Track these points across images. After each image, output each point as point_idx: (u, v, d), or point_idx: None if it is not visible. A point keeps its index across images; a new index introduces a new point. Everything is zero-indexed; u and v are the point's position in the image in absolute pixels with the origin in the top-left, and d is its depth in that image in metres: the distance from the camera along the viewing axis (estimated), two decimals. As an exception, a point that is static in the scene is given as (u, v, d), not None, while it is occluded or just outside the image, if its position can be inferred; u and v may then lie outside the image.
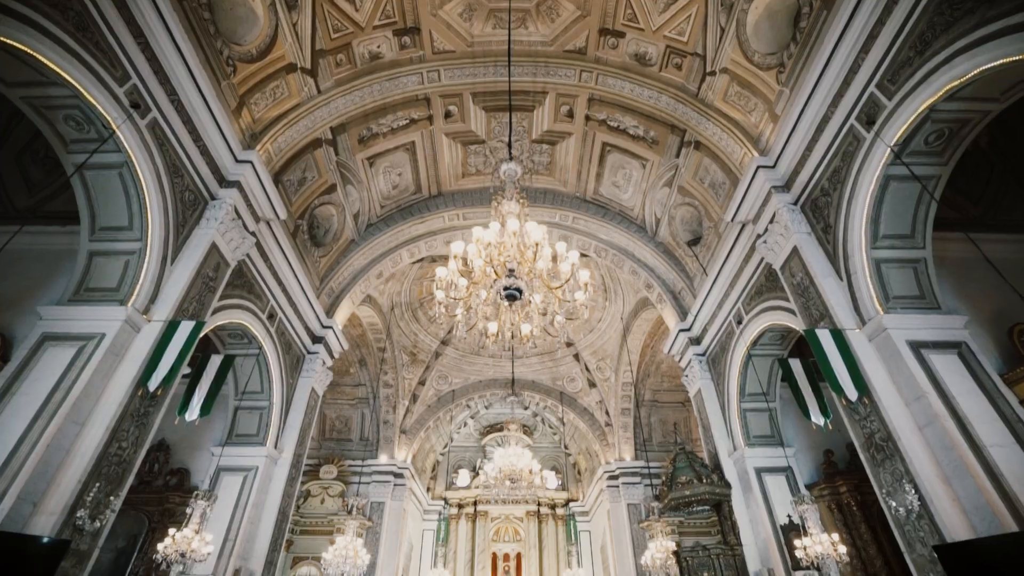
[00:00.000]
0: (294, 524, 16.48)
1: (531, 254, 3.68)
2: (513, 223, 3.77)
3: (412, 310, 18.38)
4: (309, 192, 10.89)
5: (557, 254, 3.93)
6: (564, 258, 3.91)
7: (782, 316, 8.30)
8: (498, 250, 3.78)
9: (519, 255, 3.72)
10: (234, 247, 7.83)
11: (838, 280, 6.86)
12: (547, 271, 3.81)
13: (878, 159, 6.18)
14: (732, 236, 9.70)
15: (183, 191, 7.04)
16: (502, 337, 3.98)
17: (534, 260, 3.67)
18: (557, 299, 3.85)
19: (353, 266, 12.87)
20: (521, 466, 8.10)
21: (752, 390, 9.97)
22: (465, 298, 3.72)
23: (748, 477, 9.31)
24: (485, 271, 3.67)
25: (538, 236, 3.78)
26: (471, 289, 3.75)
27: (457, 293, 3.74)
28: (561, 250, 3.95)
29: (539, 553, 20.05)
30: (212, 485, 9.02)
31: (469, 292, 3.75)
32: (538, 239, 3.75)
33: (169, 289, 6.57)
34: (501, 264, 3.68)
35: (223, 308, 8.00)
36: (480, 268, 3.71)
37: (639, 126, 11.35)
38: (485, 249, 3.72)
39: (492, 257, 3.62)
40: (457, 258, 3.84)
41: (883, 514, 9.22)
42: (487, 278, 3.71)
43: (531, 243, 3.73)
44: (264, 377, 9.75)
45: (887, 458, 5.68)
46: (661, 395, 19.48)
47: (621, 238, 13.42)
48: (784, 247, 7.77)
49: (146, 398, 5.90)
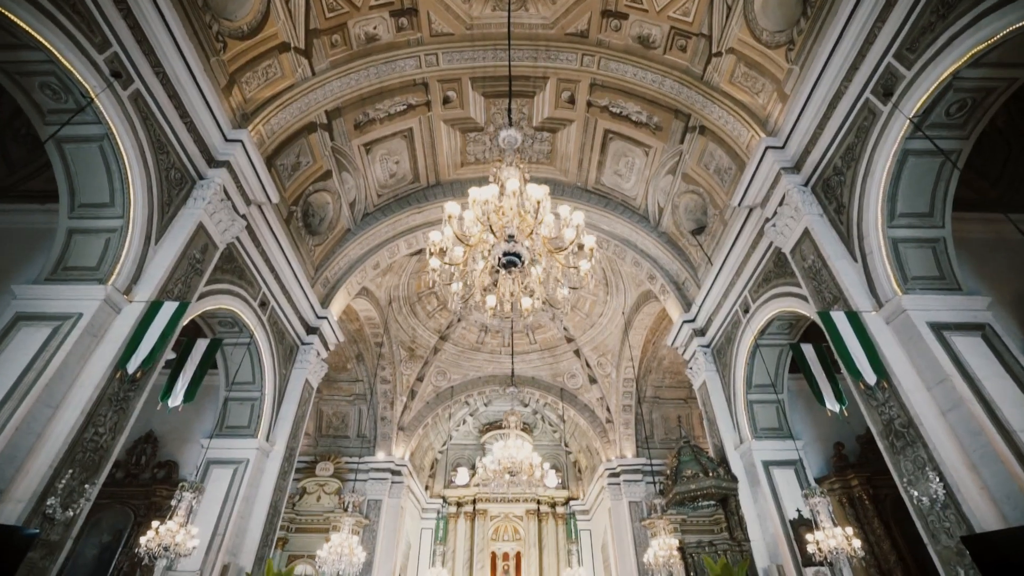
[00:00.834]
0: (289, 522, 16.16)
1: (532, 219, 3.38)
2: (513, 183, 3.48)
3: (410, 304, 18.08)
4: (303, 178, 10.60)
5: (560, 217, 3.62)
6: (568, 222, 3.61)
7: (792, 303, 8.01)
8: (496, 214, 3.48)
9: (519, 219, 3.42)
10: (223, 229, 7.53)
11: (852, 262, 6.57)
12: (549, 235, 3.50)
13: (896, 133, 5.89)
14: (739, 222, 9.40)
15: (168, 169, 6.75)
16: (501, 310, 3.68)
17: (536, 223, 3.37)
18: (560, 265, 3.55)
19: (349, 256, 12.57)
20: (521, 458, 7.80)
21: (759, 381, 9.67)
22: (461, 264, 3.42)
23: (756, 471, 9.01)
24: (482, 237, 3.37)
25: (540, 194, 3.48)
26: (468, 253, 3.45)
27: (452, 257, 3.44)
28: (564, 213, 3.65)
29: (539, 552, 19.73)
30: (201, 478, 8.71)
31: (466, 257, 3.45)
32: (540, 197, 3.45)
33: (153, 270, 6.28)
34: (500, 227, 3.38)
35: (211, 293, 7.70)
36: (477, 232, 3.41)
37: (642, 112, 11.06)
38: (482, 207, 3.42)
39: (490, 216, 3.32)
40: (452, 219, 3.54)
41: (897, 508, 8.92)
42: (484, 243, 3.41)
43: (532, 206, 3.43)
44: (256, 367, 9.44)
45: (908, 445, 5.39)
46: (663, 391, 19.18)
47: (623, 228, 13.13)
48: (794, 230, 7.48)
49: (125, 381, 5.59)
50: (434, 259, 3.67)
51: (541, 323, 19.58)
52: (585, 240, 3.60)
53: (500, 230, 3.34)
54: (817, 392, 6.70)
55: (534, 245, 3.48)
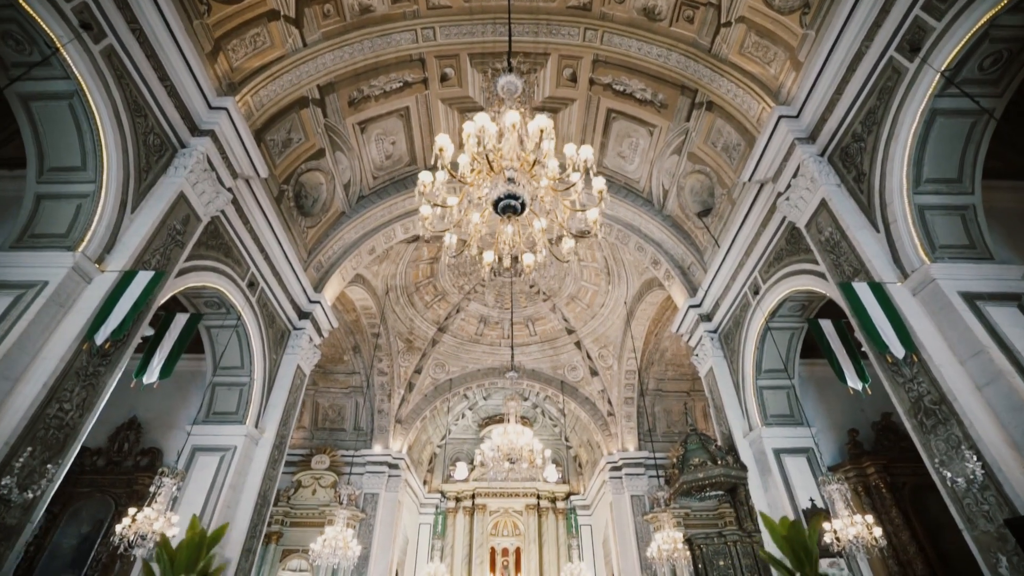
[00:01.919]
0: (284, 516, 15.80)
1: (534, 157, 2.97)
2: (513, 116, 3.08)
3: (408, 294, 17.67)
4: (295, 155, 10.19)
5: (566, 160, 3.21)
6: (574, 161, 3.21)
7: (806, 280, 7.61)
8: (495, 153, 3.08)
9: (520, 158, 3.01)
10: (206, 201, 7.12)
11: (873, 232, 6.17)
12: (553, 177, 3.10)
13: (923, 91, 5.49)
14: (748, 199, 9.01)
15: (147, 133, 6.34)
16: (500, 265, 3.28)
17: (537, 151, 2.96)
18: (565, 207, 3.15)
19: (343, 240, 12.16)
20: (521, 444, 7.41)
21: (769, 366, 9.28)
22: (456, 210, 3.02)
23: (766, 459, 8.62)
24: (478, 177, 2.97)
25: (542, 124, 3.08)
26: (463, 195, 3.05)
27: (442, 194, 3.04)
28: (570, 152, 3.25)
29: (539, 547, 19.36)
30: (186, 465, 8.32)
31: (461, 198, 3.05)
32: (543, 126, 3.04)
33: (128, 239, 5.87)
34: (498, 164, 2.98)
35: (195, 270, 7.29)
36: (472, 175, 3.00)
37: (647, 89, 10.64)
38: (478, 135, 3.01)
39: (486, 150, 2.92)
40: (443, 151, 3.14)
41: (916, 496, 8.55)
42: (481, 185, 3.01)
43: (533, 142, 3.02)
44: (244, 351, 9.05)
45: (939, 423, 5.00)
46: (665, 384, 18.82)
47: (626, 212, 12.72)
48: (810, 202, 7.08)
49: (94, 354, 5.20)
50: (425, 206, 3.26)
51: (541, 314, 19.20)
52: (595, 182, 3.21)
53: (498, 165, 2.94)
54: (838, 370, 6.31)
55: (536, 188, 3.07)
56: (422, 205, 3.35)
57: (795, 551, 1.51)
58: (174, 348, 6.11)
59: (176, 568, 1.56)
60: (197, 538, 1.60)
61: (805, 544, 1.45)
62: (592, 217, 3.33)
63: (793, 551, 1.50)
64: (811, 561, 1.51)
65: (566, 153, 3.28)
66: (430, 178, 3.27)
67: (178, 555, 1.64)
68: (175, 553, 1.63)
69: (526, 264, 3.43)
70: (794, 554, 1.50)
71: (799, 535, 1.46)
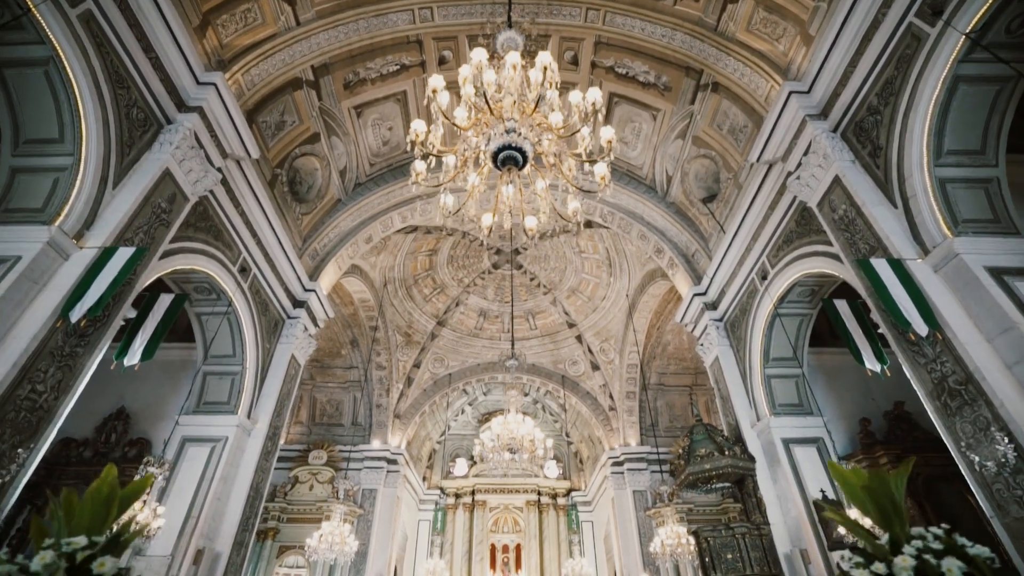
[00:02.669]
0: (280, 512, 15.55)
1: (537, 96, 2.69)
2: (514, 56, 2.80)
3: (406, 287, 17.40)
4: (289, 139, 9.90)
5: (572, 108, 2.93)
6: (581, 108, 2.93)
7: (818, 263, 7.33)
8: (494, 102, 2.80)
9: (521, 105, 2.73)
10: (194, 180, 6.84)
11: (891, 208, 5.89)
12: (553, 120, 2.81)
13: (945, 57, 5.21)
14: (756, 182, 8.72)
15: (130, 106, 6.05)
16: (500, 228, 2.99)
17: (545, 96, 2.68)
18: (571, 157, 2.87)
19: (339, 228, 11.88)
20: (522, 433, 7.13)
21: (777, 354, 9.01)
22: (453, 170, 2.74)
23: (775, 449, 8.35)
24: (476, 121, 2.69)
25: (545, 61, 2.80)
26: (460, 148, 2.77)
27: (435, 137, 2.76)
28: (576, 99, 2.97)
29: (539, 544, 19.10)
30: (176, 457, 8.04)
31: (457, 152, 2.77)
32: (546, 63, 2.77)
33: (109, 215, 5.59)
34: (497, 111, 2.70)
35: (182, 252, 7.01)
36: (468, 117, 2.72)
37: (650, 71, 10.35)
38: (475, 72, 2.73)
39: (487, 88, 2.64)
40: (436, 92, 2.86)
41: (931, 487, 8.28)
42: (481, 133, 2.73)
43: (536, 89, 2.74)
44: (236, 339, 8.77)
45: (965, 404, 4.72)
46: (667, 378, 18.57)
47: (628, 200, 12.44)
48: (822, 180, 6.80)
49: (70, 333, 4.92)
50: (419, 161, 2.99)
51: (542, 307, 18.93)
52: (603, 132, 2.93)
53: (498, 112, 2.66)
54: (855, 351, 6.04)
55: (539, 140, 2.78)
56: (416, 161, 3.07)
57: (880, 506, 1.26)
58: (157, 330, 5.83)
59: (74, 527, 1.30)
60: (106, 488, 1.34)
61: (892, 496, 1.21)
62: (600, 172, 3.06)
63: (878, 506, 1.25)
64: (900, 517, 1.26)
65: (572, 101, 3.01)
66: (424, 127, 2.99)
67: (80, 511, 1.39)
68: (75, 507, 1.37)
69: (528, 227, 3.15)
70: (879, 510, 1.25)
71: (884, 486, 1.21)
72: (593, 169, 3.07)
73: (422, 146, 2.95)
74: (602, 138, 2.98)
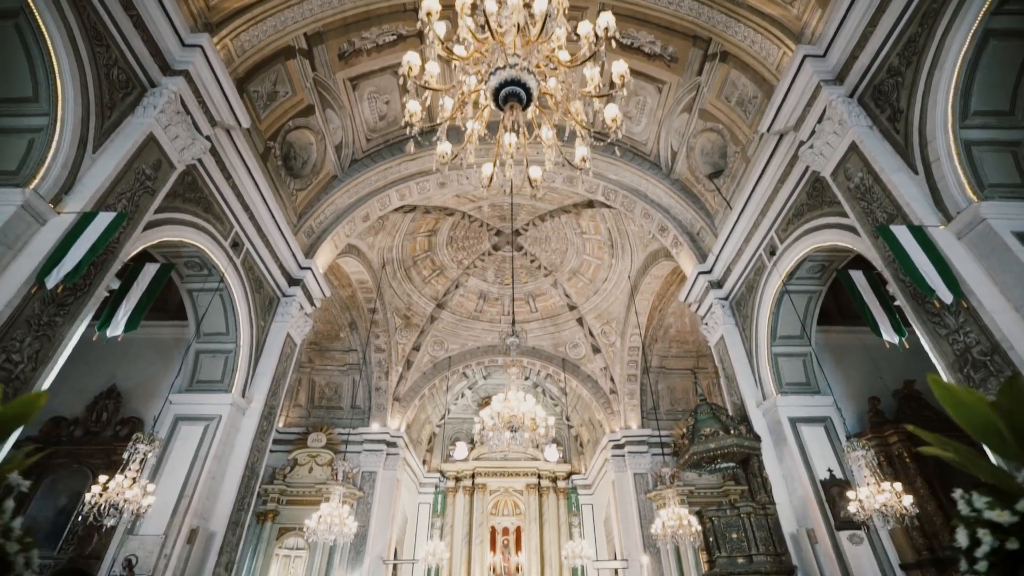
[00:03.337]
0: (280, 494, 15.46)
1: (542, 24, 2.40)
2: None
3: (405, 268, 17.13)
4: (282, 110, 9.57)
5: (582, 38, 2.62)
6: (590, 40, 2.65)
7: (830, 235, 7.07)
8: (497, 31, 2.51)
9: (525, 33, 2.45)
10: (181, 147, 6.54)
11: (911, 174, 5.61)
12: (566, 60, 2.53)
13: (976, 8, 4.89)
14: (765, 154, 8.42)
15: (110, 66, 5.74)
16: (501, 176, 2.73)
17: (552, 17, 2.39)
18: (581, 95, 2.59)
19: (336, 205, 11.58)
20: (523, 411, 6.90)
21: (785, 332, 8.79)
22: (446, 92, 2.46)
23: (781, 428, 8.16)
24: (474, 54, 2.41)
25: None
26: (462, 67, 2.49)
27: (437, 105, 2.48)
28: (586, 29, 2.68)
29: (539, 526, 19.08)
30: (168, 435, 7.85)
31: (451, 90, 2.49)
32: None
33: (89, 180, 5.31)
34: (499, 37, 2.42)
35: (170, 223, 6.74)
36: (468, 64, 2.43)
37: (656, 41, 9.97)
38: None
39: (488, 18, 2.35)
40: (431, 16, 2.58)
41: (943, 466, 8.11)
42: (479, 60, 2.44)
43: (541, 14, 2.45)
44: (229, 316, 8.54)
45: (991, 376, 4.50)
46: (669, 361, 18.37)
47: (632, 177, 12.13)
48: (838, 147, 6.50)
49: (48, 301, 4.67)
50: (412, 101, 2.71)
51: (542, 290, 18.69)
52: (614, 66, 2.65)
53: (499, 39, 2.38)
54: (873, 323, 5.80)
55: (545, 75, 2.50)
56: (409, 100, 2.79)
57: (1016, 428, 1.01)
58: (142, 300, 5.58)
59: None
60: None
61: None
62: (611, 115, 2.78)
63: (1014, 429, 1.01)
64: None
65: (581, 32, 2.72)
66: (418, 60, 2.71)
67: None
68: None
69: (532, 178, 2.89)
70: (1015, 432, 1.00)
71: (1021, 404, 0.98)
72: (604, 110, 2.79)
73: (416, 81, 2.67)
74: (613, 73, 2.69)
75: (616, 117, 2.81)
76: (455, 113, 2.74)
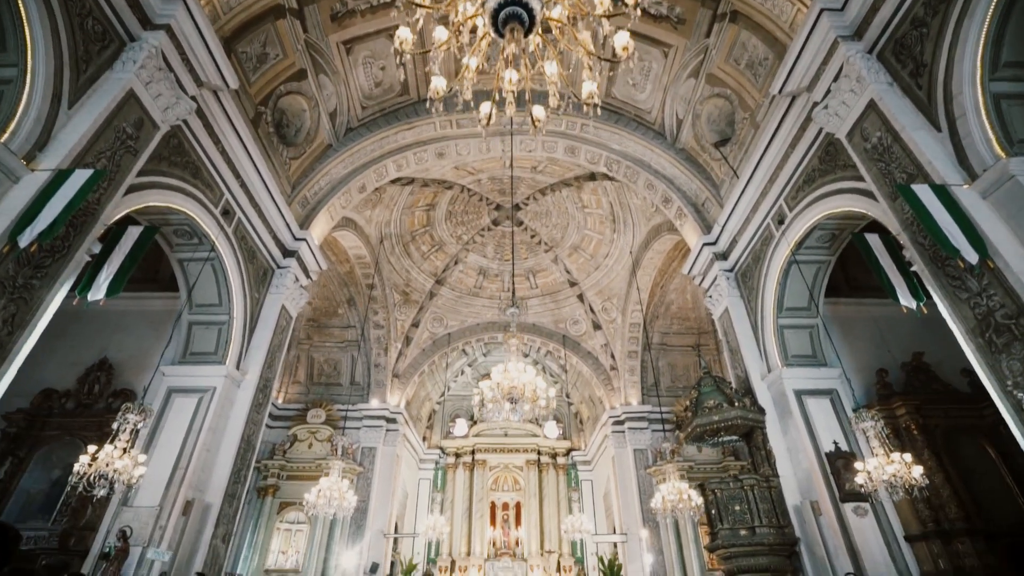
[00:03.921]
0: (280, 469, 15.47)
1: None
2: None
3: (403, 243, 16.84)
4: (272, 74, 9.18)
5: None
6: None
7: (843, 201, 6.79)
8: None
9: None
10: (164, 106, 6.22)
11: (933, 132, 5.32)
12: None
13: (1011, -51, 4.54)
14: (776, 118, 8.09)
15: (85, 16, 5.39)
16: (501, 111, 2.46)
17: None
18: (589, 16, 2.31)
19: (331, 175, 11.25)
20: (523, 382, 6.72)
21: (792, 304, 8.58)
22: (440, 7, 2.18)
23: (786, 400, 8.02)
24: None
25: None
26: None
27: None
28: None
29: (539, 502, 19.18)
30: (162, 407, 7.71)
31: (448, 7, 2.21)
32: None
33: (65, 136, 5.03)
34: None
35: (156, 187, 6.46)
36: None
37: (662, 2, 9.54)
38: None
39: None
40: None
41: (950, 439, 7.99)
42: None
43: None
44: (222, 287, 8.31)
45: (1015, 340, 4.30)
46: (670, 338, 18.21)
47: (636, 147, 11.78)
48: (854, 106, 6.19)
49: (23, 262, 4.44)
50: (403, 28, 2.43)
51: (542, 266, 18.44)
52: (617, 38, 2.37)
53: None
54: (890, 287, 5.58)
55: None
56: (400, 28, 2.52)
57: None
58: (124, 264, 5.34)
59: None
60: None
61: None
62: (621, 43, 2.51)
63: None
64: None
65: (589, -55, 2.44)
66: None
67: None
68: None
69: (536, 117, 2.63)
70: None
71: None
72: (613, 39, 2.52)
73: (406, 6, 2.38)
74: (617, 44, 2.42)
75: (627, 45, 2.54)
76: (448, 41, 2.47)
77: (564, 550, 18.06)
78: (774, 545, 7.03)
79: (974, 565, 6.51)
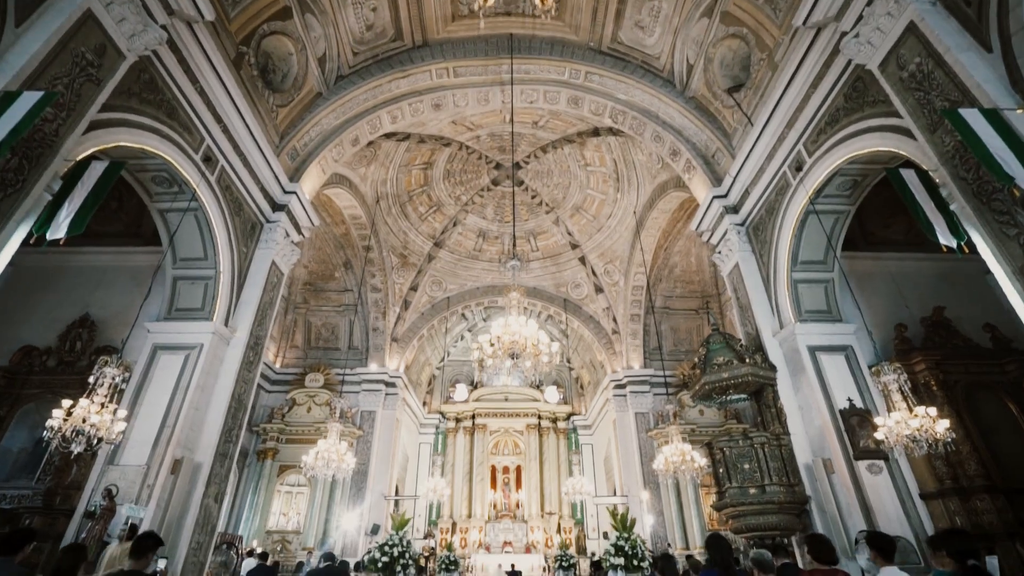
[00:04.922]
0: (279, 433, 15.41)
1: None
2: None
3: (400, 204, 16.29)
4: (254, 10, 8.48)
5: None
6: None
7: (872, 140, 6.28)
8: None
9: None
10: (128, 32, 5.64)
11: (982, 53, 4.79)
12: None
13: None
14: (798, 54, 7.48)
15: (30, -77, 4.78)
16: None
17: None
18: None
19: (321, 126, 10.65)
20: (526, 335, 6.36)
21: (806, 258, 8.16)
22: None
23: (799, 357, 7.68)
24: None
25: None
26: None
27: None
28: None
29: (539, 465, 19.21)
30: (147, 365, 7.37)
31: None
32: None
33: (13, 58, 4.50)
34: None
35: (125, 124, 5.94)
36: None
37: (676, -69, 8.79)
38: None
39: None
40: None
41: (970, 395, 7.70)
42: None
43: None
44: (207, 240, 7.87)
45: (1070, 278, 3.90)
46: (673, 302, 17.89)
47: (643, 96, 11.13)
48: (890, 32, 5.61)
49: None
50: None
51: (543, 228, 17.94)
52: None
53: None
54: (927, 225, 5.14)
55: None
56: None
57: None
58: (87, 200, 4.88)
59: None
60: None
61: None
62: None
63: None
64: None
65: None
66: None
67: None
68: None
69: None
70: None
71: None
72: None
73: None
74: None
75: None
76: None
77: (564, 512, 18.17)
78: (784, 503, 6.80)
79: (992, 522, 6.30)
